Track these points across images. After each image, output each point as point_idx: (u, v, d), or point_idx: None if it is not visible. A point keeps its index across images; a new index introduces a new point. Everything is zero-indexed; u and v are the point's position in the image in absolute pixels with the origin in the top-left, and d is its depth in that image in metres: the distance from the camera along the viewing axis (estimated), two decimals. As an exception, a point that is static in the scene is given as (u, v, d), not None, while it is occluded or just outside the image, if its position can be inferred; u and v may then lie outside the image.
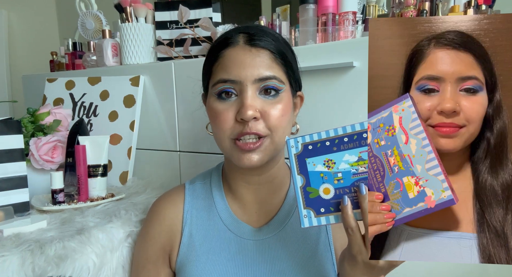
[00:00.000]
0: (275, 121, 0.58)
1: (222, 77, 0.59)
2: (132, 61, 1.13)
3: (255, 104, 0.57)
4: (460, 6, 0.76)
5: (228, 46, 0.60)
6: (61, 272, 0.61)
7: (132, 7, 1.13)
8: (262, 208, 0.67)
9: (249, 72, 0.57)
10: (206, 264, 0.63)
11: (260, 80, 0.57)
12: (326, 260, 0.62)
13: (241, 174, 0.66)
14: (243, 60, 0.58)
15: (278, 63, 0.60)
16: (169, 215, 0.69)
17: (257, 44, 0.59)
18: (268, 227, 0.65)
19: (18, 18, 2.27)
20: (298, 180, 0.49)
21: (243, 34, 0.60)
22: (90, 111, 1.14)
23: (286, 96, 0.61)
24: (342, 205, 0.46)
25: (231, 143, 0.60)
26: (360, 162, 0.47)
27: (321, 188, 0.48)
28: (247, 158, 0.58)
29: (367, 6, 1.01)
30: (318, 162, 0.49)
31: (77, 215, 0.77)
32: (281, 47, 0.61)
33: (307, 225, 0.49)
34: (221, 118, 0.59)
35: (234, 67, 0.58)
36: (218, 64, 0.60)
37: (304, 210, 0.49)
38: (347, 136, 0.48)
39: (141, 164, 1.08)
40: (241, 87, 0.58)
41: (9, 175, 0.78)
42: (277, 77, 0.59)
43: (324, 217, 0.48)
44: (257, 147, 0.58)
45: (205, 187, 0.71)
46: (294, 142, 0.50)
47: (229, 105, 0.59)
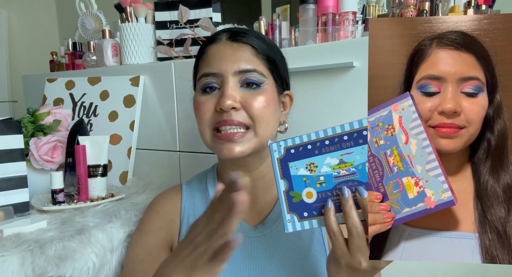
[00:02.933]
0: (257, 111, 0.59)
1: (205, 71, 0.61)
2: (132, 61, 1.13)
3: (235, 94, 0.59)
4: (460, 6, 0.76)
5: (212, 43, 0.63)
6: (61, 272, 0.61)
7: (132, 7, 1.12)
8: (255, 206, 0.67)
9: (229, 65, 0.59)
10: None
11: (241, 72, 0.59)
12: (320, 258, 0.63)
13: (231, 171, 0.66)
14: (224, 54, 0.60)
15: (260, 58, 0.62)
16: (168, 212, 0.69)
17: (238, 39, 0.61)
18: (263, 225, 0.66)
19: (18, 18, 2.27)
20: (281, 185, 0.49)
21: (227, 32, 0.63)
22: (90, 111, 1.14)
23: (269, 90, 0.62)
24: (325, 208, 0.46)
25: (211, 134, 0.61)
26: (342, 165, 0.47)
27: (304, 192, 0.48)
28: (227, 148, 0.59)
29: (367, 6, 1.01)
30: (300, 166, 0.48)
31: (77, 215, 0.77)
32: (263, 45, 0.63)
33: (291, 229, 0.48)
34: (201, 109, 0.61)
35: (216, 61, 0.60)
36: (203, 60, 0.63)
37: (288, 214, 0.48)
38: (328, 139, 0.47)
39: (141, 164, 1.08)
40: (222, 79, 0.60)
41: (9, 175, 0.78)
42: (258, 70, 0.60)
43: (307, 222, 0.47)
44: (238, 137, 0.59)
45: (201, 186, 0.72)
46: (277, 146, 0.50)
47: (210, 97, 0.61)
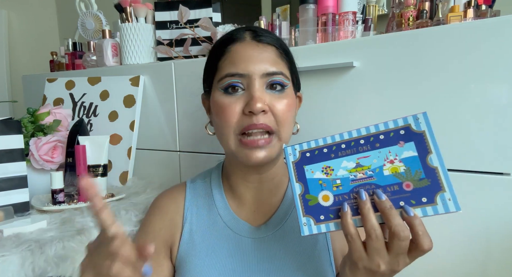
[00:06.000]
0: (282, 115, 0.59)
1: (230, 71, 0.59)
2: (132, 61, 1.13)
3: (264, 97, 0.58)
4: (460, 6, 0.76)
5: (235, 42, 0.61)
6: (61, 272, 0.62)
7: (132, 7, 1.13)
8: (260, 207, 0.67)
9: (257, 66, 0.58)
10: (205, 260, 0.63)
11: (268, 74, 0.58)
12: (324, 260, 0.62)
13: (242, 172, 0.66)
14: (251, 54, 0.59)
15: (284, 59, 0.61)
16: (170, 211, 0.69)
17: (263, 40, 0.60)
18: (267, 226, 0.65)
19: (18, 18, 2.27)
20: (296, 188, 0.49)
21: (249, 31, 0.62)
22: (90, 111, 1.14)
23: (291, 93, 0.62)
24: (341, 212, 0.46)
25: (236, 140, 0.59)
26: (358, 168, 0.47)
27: (320, 195, 0.48)
28: (253, 154, 0.58)
29: (367, 6, 1.01)
30: (316, 169, 0.48)
31: (77, 215, 0.77)
32: (284, 46, 0.63)
33: (307, 233, 0.48)
34: (227, 111, 0.59)
35: (242, 61, 0.59)
36: (225, 59, 0.61)
37: (304, 218, 0.48)
38: (344, 143, 0.48)
39: (141, 164, 1.08)
40: (249, 81, 0.58)
41: (9, 175, 0.78)
42: (284, 73, 0.60)
43: (324, 225, 0.47)
44: (264, 144, 0.58)
45: (205, 185, 0.71)
46: (292, 150, 0.50)
47: (236, 98, 0.59)
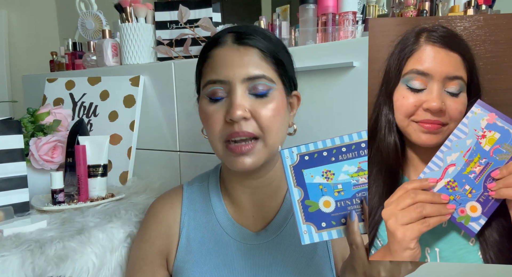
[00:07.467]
0: (266, 121, 0.57)
1: (211, 78, 0.58)
2: (132, 61, 1.13)
3: (244, 103, 0.56)
4: (460, 6, 0.76)
5: (217, 46, 0.59)
6: (61, 272, 0.61)
7: (132, 7, 1.12)
8: (259, 212, 0.66)
9: (237, 72, 0.56)
10: (204, 267, 0.62)
11: (249, 79, 0.56)
12: (324, 265, 0.62)
13: (238, 177, 0.65)
14: (231, 59, 0.57)
15: (268, 61, 0.58)
16: (166, 218, 0.68)
17: (245, 42, 0.58)
18: (266, 231, 0.64)
19: (18, 18, 2.27)
20: (295, 193, 0.46)
21: (231, 34, 0.59)
22: (90, 111, 1.14)
23: (278, 96, 0.59)
24: (349, 220, 0.45)
25: (223, 146, 0.59)
26: (360, 173, 0.45)
27: (321, 201, 0.46)
28: (240, 161, 0.57)
29: (367, 6, 1.01)
30: (316, 173, 0.46)
31: (77, 215, 0.77)
32: (271, 46, 0.59)
33: (308, 241, 0.45)
34: (211, 120, 0.58)
35: (222, 67, 0.57)
36: (208, 65, 0.60)
37: (304, 225, 0.45)
38: (345, 146, 0.46)
39: (141, 164, 1.08)
40: (230, 87, 0.57)
41: (9, 175, 0.78)
42: (267, 76, 0.57)
43: (326, 232, 0.45)
44: (249, 150, 0.57)
45: (203, 189, 0.70)
46: (289, 153, 0.47)
47: (219, 106, 0.58)
